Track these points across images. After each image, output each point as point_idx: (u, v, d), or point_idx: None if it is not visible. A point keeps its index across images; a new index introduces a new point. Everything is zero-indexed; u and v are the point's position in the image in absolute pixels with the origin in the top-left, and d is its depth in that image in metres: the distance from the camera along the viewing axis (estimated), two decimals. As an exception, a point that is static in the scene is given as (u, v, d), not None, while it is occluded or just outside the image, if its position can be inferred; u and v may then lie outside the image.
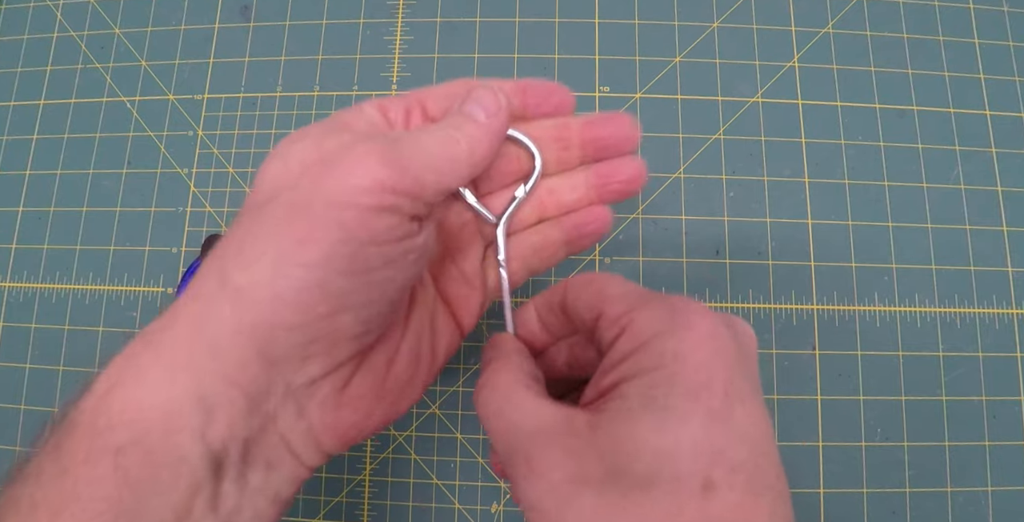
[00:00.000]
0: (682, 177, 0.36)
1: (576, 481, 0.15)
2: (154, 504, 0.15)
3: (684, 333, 0.16)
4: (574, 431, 0.16)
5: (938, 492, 0.32)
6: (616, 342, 0.17)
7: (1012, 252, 0.34)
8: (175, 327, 0.17)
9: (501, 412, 0.18)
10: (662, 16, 0.38)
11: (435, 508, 0.33)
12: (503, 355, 0.20)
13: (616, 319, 0.17)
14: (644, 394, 0.15)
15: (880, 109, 0.36)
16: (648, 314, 0.17)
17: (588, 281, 0.20)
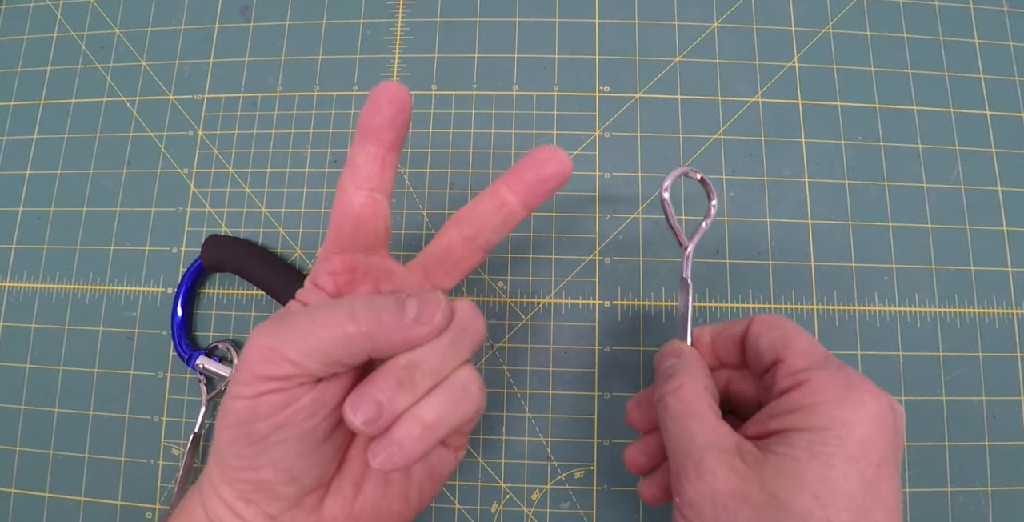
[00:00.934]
0: (682, 177, 0.36)
1: (737, 497, 0.18)
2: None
3: (857, 406, 0.19)
4: (743, 456, 0.19)
5: (938, 492, 0.32)
6: (790, 393, 0.20)
7: (1012, 252, 0.34)
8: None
9: (681, 420, 0.21)
10: (662, 16, 0.38)
11: (435, 508, 0.33)
12: (691, 369, 0.23)
13: (795, 372, 0.20)
14: (812, 447, 0.18)
15: (880, 109, 0.36)
16: (827, 378, 0.20)
17: (776, 324, 0.22)
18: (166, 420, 0.35)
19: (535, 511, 0.33)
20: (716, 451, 0.20)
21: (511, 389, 0.34)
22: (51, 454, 0.35)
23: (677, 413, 0.21)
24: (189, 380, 0.35)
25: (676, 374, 0.22)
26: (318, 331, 0.19)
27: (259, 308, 0.35)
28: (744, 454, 0.19)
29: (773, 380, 0.21)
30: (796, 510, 0.18)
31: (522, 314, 0.35)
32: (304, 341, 0.19)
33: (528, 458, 0.33)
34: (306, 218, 0.36)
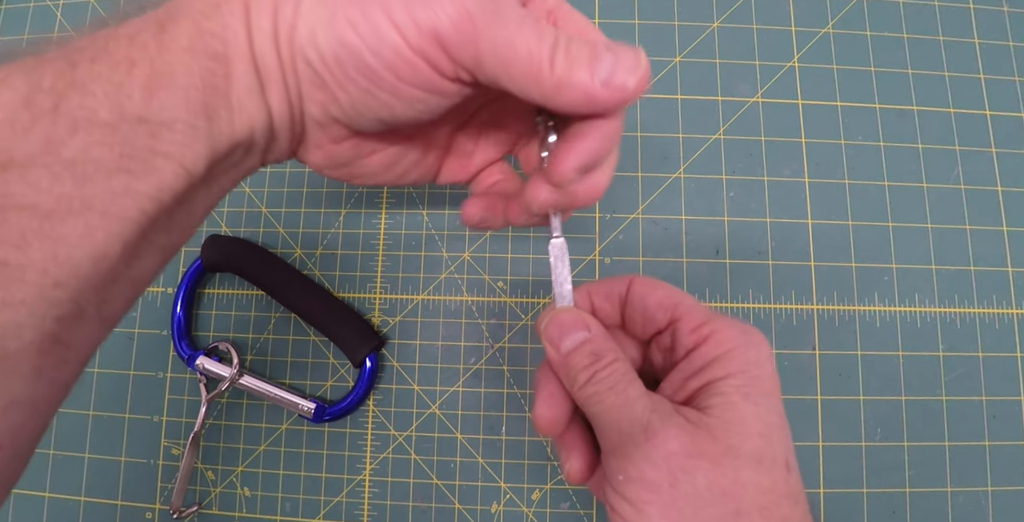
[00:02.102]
0: (682, 177, 0.36)
1: (692, 455, 0.18)
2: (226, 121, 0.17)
3: (759, 348, 0.21)
4: (685, 414, 0.19)
5: (938, 492, 0.32)
6: (700, 348, 0.21)
7: (1012, 252, 0.34)
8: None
9: (618, 387, 0.20)
10: (662, 16, 0.38)
11: (435, 508, 0.33)
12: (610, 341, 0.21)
13: (696, 328, 0.21)
14: (740, 391, 0.19)
15: (880, 109, 0.36)
16: (728, 329, 0.21)
17: (656, 285, 0.23)
18: (166, 420, 0.35)
19: (535, 511, 0.33)
20: (660, 413, 0.19)
21: (511, 389, 0.34)
22: (51, 454, 0.34)
23: (612, 383, 0.20)
24: (189, 380, 0.35)
25: (602, 351, 0.20)
26: (516, 45, 0.16)
27: (259, 308, 0.35)
28: (689, 413, 0.19)
29: (675, 339, 0.21)
30: (750, 454, 0.18)
31: (522, 314, 0.35)
32: (508, 49, 0.16)
33: (528, 458, 0.33)
34: (306, 218, 0.36)
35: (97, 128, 0.14)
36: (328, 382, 0.35)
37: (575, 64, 0.17)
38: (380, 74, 0.17)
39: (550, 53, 0.17)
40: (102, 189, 0.15)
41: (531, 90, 0.17)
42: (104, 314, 0.16)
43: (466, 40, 0.16)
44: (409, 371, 0.34)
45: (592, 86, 0.17)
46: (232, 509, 0.33)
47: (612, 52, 0.17)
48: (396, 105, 0.18)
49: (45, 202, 0.14)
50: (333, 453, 0.34)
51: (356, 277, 0.35)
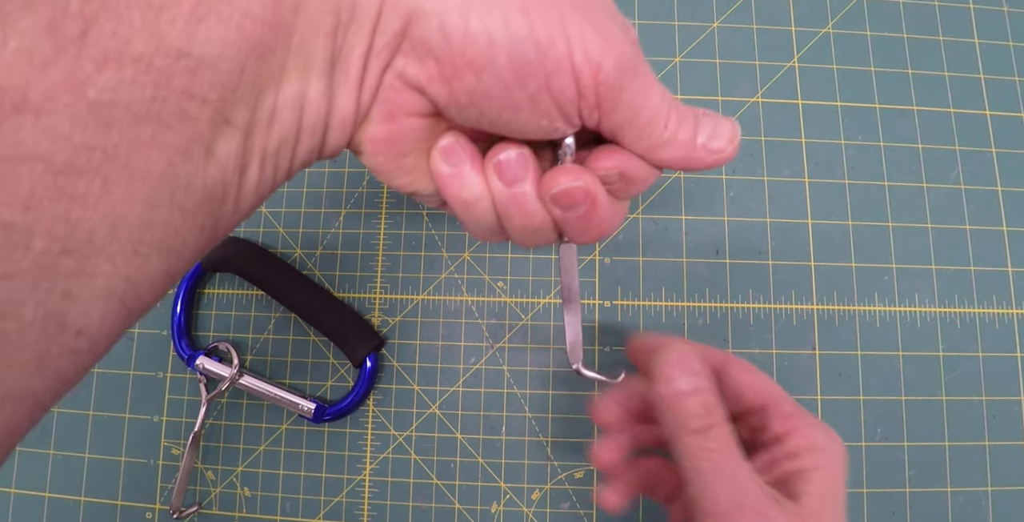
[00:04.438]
0: (682, 177, 0.36)
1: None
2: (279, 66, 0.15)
3: (839, 448, 0.22)
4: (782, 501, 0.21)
5: (938, 492, 0.32)
6: (791, 436, 0.22)
7: (1012, 252, 0.34)
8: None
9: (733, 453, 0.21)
10: (662, 16, 0.38)
11: (435, 508, 0.33)
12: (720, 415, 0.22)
13: (787, 417, 0.23)
14: (825, 485, 0.21)
15: (880, 109, 0.36)
16: (816, 425, 0.23)
17: (751, 368, 0.24)
18: (166, 420, 0.35)
19: (535, 511, 0.33)
20: (770, 501, 0.20)
21: (511, 389, 0.34)
22: (51, 454, 0.35)
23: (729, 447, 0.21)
24: (189, 380, 0.35)
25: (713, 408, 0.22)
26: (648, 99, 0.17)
27: (259, 308, 0.35)
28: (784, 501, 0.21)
29: (764, 422, 0.23)
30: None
31: (522, 314, 0.35)
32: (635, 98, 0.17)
33: (528, 458, 0.33)
34: (306, 218, 0.36)
35: (130, 63, 0.12)
36: (328, 382, 0.35)
37: (683, 125, 0.18)
38: (536, 74, 0.16)
39: (667, 112, 0.18)
40: (127, 138, 0.12)
41: (640, 141, 0.18)
42: (128, 298, 0.14)
43: (615, 84, 0.16)
44: (409, 371, 0.34)
45: (694, 148, 0.18)
46: (232, 509, 0.33)
47: (711, 119, 0.19)
48: (521, 110, 0.17)
49: (61, 153, 0.12)
50: (333, 453, 0.34)
51: (356, 277, 0.35)
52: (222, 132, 0.14)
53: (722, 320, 0.34)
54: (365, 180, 0.37)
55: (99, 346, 0.14)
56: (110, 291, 0.13)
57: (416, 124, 0.18)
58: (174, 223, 0.14)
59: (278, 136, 0.16)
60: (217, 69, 0.13)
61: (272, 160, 0.16)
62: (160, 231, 0.14)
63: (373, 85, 0.17)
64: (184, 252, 0.15)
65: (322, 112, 0.16)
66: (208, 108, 0.13)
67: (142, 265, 0.14)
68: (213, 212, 0.15)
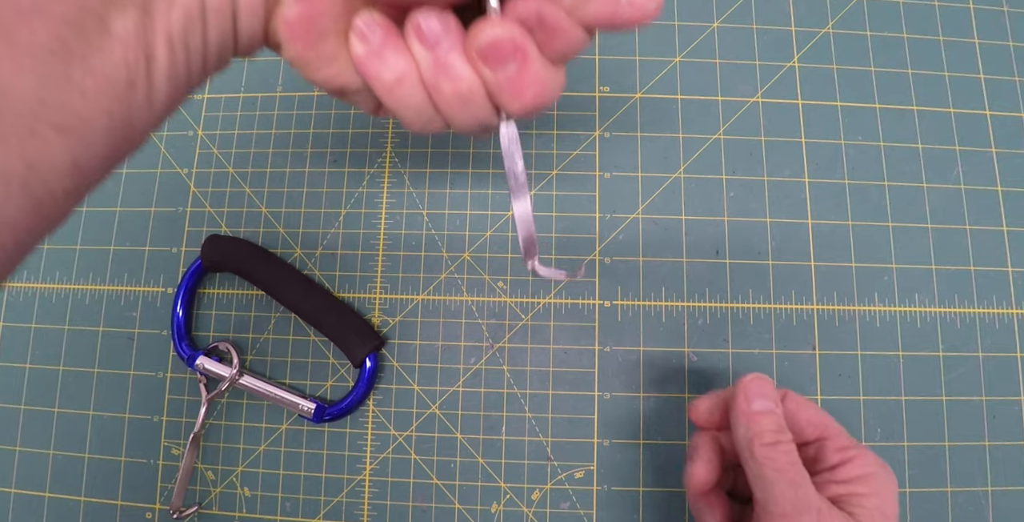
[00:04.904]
0: (682, 177, 0.36)
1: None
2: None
3: (890, 477, 0.25)
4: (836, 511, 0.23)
5: (938, 492, 0.32)
6: (846, 465, 0.25)
7: (1012, 252, 0.34)
8: None
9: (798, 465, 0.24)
10: (662, 16, 0.38)
11: (435, 508, 0.33)
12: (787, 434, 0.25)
13: (843, 449, 0.25)
14: (879, 510, 0.24)
15: (880, 109, 0.36)
16: (869, 456, 0.25)
17: (808, 403, 0.27)
18: (166, 420, 0.35)
19: (535, 511, 0.33)
20: (829, 504, 0.23)
21: (511, 389, 0.34)
22: (51, 454, 0.35)
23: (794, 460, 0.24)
24: (189, 380, 0.35)
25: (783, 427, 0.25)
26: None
27: (259, 308, 0.35)
28: (832, 513, 0.23)
29: (822, 453, 0.26)
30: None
31: (522, 314, 0.35)
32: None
33: (528, 458, 0.33)
34: (306, 218, 0.36)
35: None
36: (328, 382, 0.35)
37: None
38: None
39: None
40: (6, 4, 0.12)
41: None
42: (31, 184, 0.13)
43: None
44: (409, 371, 0.34)
45: (618, 2, 0.17)
46: (232, 509, 0.33)
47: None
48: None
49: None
50: (333, 453, 0.34)
51: (356, 277, 0.35)
52: (115, 5, 0.14)
53: (722, 320, 0.34)
54: (365, 180, 0.37)
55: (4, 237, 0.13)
56: (7, 175, 0.12)
57: (331, 1, 0.17)
58: (73, 104, 0.13)
59: (181, 14, 0.15)
60: None
61: (181, 44, 0.15)
62: (57, 109, 0.13)
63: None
64: (92, 140, 0.14)
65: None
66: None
67: (42, 148, 0.13)
68: (121, 99, 0.14)
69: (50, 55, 0.13)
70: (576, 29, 0.18)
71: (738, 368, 0.33)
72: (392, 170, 0.37)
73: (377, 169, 0.37)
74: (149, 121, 0.16)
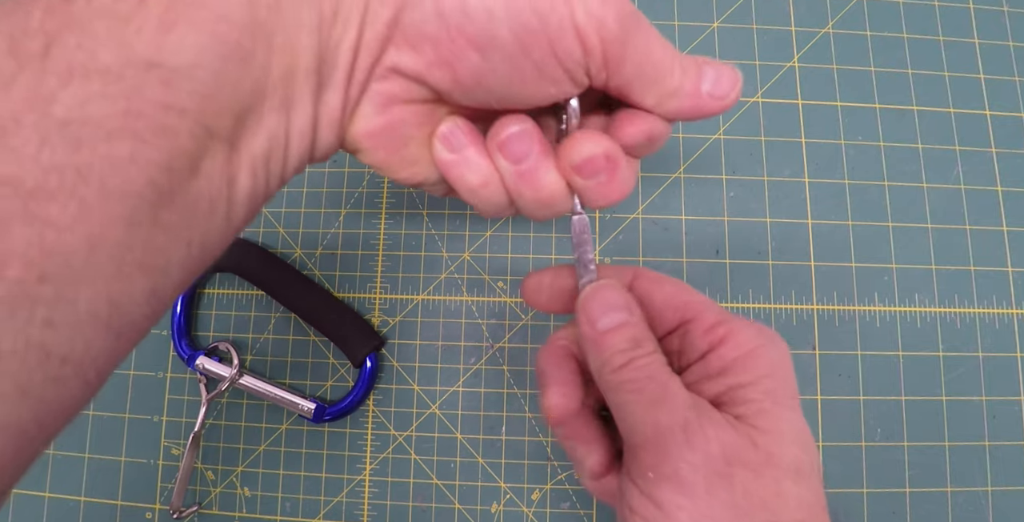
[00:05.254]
0: (682, 177, 0.36)
1: (732, 461, 0.17)
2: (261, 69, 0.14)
3: (779, 345, 0.19)
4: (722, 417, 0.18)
5: (938, 492, 0.32)
6: (717, 350, 0.19)
7: (1012, 252, 0.34)
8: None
9: (658, 378, 0.18)
10: (662, 16, 0.38)
11: (435, 508, 0.33)
12: (645, 324, 0.20)
13: (711, 328, 0.20)
14: (770, 396, 0.18)
15: (880, 109, 0.36)
16: (745, 329, 0.19)
17: (663, 280, 0.21)
18: (166, 420, 0.35)
19: (535, 511, 0.33)
20: (701, 411, 0.18)
21: (511, 389, 0.34)
22: (51, 454, 0.35)
23: (652, 373, 0.18)
24: (189, 380, 0.35)
25: (642, 339, 0.19)
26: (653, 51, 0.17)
27: (259, 308, 0.35)
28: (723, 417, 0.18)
29: (685, 341, 0.20)
30: (790, 464, 0.18)
31: (522, 314, 0.35)
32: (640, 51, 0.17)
33: (528, 458, 0.33)
34: (306, 218, 0.36)
35: (97, 76, 0.12)
36: (328, 382, 0.35)
37: (687, 74, 0.18)
38: (540, 41, 0.15)
39: (671, 61, 0.17)
40: (101, 155, 0.12)
41: (649, 95, 0.18)
42: (114, 320, 0.13)
43: (619, 39, 0.16)
44: (409, 371, 0.34)
45: (701, 96, 0.18)
46: (232, 509, 0.33)
47: (712, 66, 0.18)
48: (528, 81, 0.16)
49: (31, 175, 0.11)
50: (333, 453, 0.34)
51: (356, 277, 0.35)
52: (205, 143, 0.13)
53: (722, 320, 0.34)
54: (365, 180, 0.37)
55: (88, 373, 0.13)
56: (93, 315, 0.12)
57: (413, 111, 0.18)
58: (157, 242, 0.13)
59: (266, 143, 0.15)
60: (193, 78, 0.13)
61: (263, 168, 0.15)
62: (141, 250, 0.13)
63: (362, 80, 0.16)
64: (170, 270, 0.14)
65: (310, 113, 0.16)
66: (187, 119, 0.13)
67: (125, 287, 0.13)
68: (201, 227, 0.14)
69: (140, 201, 0.12)
70: (668, 134, 0.19)
71: (738, 368, 0.33)
72: (392, 170, 0.37)
73: (377, 169, 0.37)
74: (226, 240, 0.16)
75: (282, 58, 0.14)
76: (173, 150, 0.13)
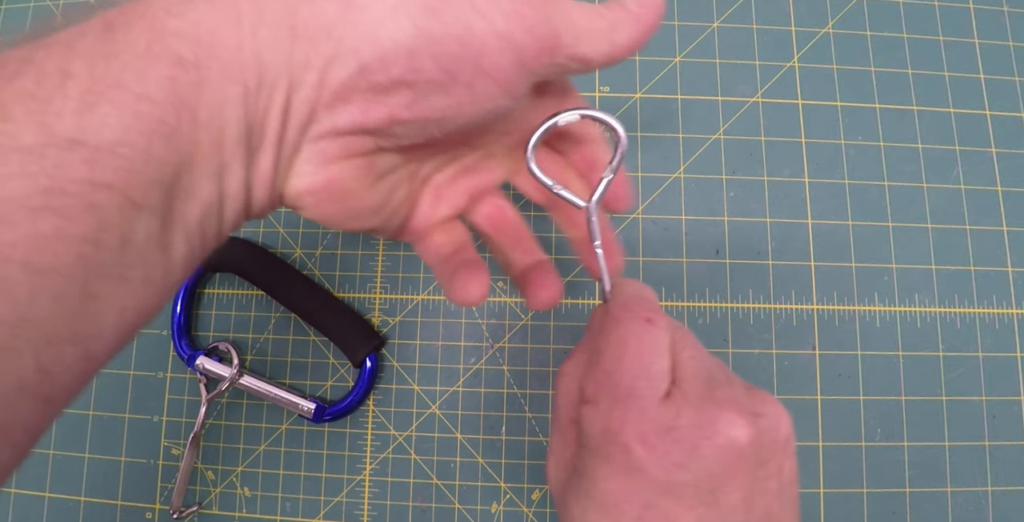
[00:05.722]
0: (682, 177, 0.36)
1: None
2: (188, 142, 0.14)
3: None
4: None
5: (938, 492, 0.32)
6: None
7: (1012, 252, 0.34)
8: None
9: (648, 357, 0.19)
10: (662, 16, 0.38)
11: (435, 508, 0.33)
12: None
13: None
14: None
15: (880, 109, 0.36)
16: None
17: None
18: (166, 420, 0.35)
19: (535, 511, 0.33)
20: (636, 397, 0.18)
21: (511, 389, 0.34)
22: (51, 454, 0.35)
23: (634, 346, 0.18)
24: (189, 380, 0.35)
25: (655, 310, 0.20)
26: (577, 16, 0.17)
27: (259, 308, 0.35)
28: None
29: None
30: None
31: (522, 314, 0.35)
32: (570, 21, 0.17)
33: (528, 458, 0.33)
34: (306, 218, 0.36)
35: (16, 155, 0.12)
36: (328, 382, 0.35)
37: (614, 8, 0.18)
38: (465, 63, 0.15)
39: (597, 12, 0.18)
40: (23, 233, 0.12)
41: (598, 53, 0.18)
42: (43, 387, 0.13)
43: (548, 27, 0.16)
44: (409, 371, 0.34)
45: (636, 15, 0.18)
46: (232, 509, 0.33)
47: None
48: (463, 103, 0.16)
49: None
50: (333, 453, 0.34)
51: (356, 277, 0.35)
52: (133, 216, 0.13)
53: (722, 320, 0.34)
54: (365, 180, 0.37)
55: (17, 439, 0.13)
56: (21, 385, 0.12)
57: (353, 164, 0.18)
58: (88, 311, 0.13)
59: (199, 209, 0.15)
60: (118, 155, 0.13)
61: (198, 233, 0.16)
62: (71, 321, 0.13)
63: (294, 142, 0.16)
64: (104, 335, 0.14)
65: (241, 177, 0.16)
66: (115, 195, 0.13)
67: (56, 355, 0.13)
68: (134, 294, 0.14)
69: (67, 276, 0.12)
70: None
71: (738, 368, 0.33)
72: (392, 170, 0.37)
73: (377, 169, 0.37)
74: (163, 300, 0.16)
75: (208, 132, 0.14)
76: (100, 225, 0.13)
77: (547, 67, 0.17)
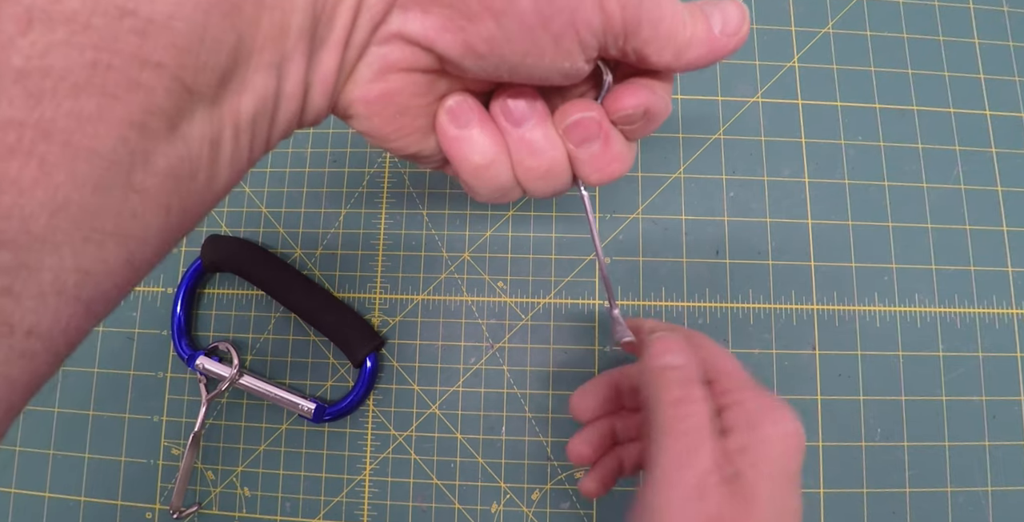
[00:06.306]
0: (682, 177, 0.36)
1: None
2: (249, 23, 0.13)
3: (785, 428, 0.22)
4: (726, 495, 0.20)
5: (938, 492, 0.32)
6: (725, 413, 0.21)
7: (1012, 252, 0.34)
8: None
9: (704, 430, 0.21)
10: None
11: (435, 508, 0.33)
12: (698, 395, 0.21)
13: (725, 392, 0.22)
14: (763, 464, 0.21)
15: (880, 109, 0.36)
16: (756, 400, 0.22)
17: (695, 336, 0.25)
18: (166, 420, 0.35)
19: (535, 511, 0.33)
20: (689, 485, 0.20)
21: (511, 389, 0.34)
22: (51, 454, 0.35)
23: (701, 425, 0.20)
24: (189, 380, 0.35)
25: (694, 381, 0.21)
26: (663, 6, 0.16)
27: (259, 308, 0.35)
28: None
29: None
30: None
31: (522, 314, 0.35)
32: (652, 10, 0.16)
33: (528, 458, 0.33)
34: (306, 218, 0.36)
35: (61, 23, 0.10)
36: (328, 382, 0.35)
37: (697, 20, 0.17)
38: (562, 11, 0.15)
39: (680, 12, 0.17)
40: (65, 111, 0.11)
41: (666, 51, 0.17)
42: (84, 291, 0.12)
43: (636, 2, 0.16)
44: (409, 371, 0.34)
45: (715, 38, 0.18)
46: (232, 509, 0.33)
47: (714, 6, 0.18)
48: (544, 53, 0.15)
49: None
50: (333, 453, 0.34)
51: (356, 277, 0.35)
52: (184, 102, 0.12)
53: (722, 320, 0.34)
54: (365, 180, 0.37)
55: (58, 347, 0.12)
56: (60, 286, 0.11)
57: (413, 80, 0.17)
58: (131, 206, 0.12)
59: (252, 104, 0.14)
60: (172, 29, 0.11)
61: (248, 131, 0.14)
62: (114, 216, 0.12)
63: (361, 43, 0.15)
64: (148, 237, 0.13)
65: (301, 74, 0.15)
66: (164, 75, 0.12)
67: (96, 254, 0.12)
68: (180, 191, 0.13)
69: (110, 162, 0.11)
70: (668, 109, 0.19)
71: (738, 368, 0.33)
72: (392, 170, 0.37)
73: (377, 169, 0.37)
74: (207, 205, 0.15)
75: (273, 14, 0.13)
76: (147, 108, 0.12)
77: (612, 48, 0.17)
